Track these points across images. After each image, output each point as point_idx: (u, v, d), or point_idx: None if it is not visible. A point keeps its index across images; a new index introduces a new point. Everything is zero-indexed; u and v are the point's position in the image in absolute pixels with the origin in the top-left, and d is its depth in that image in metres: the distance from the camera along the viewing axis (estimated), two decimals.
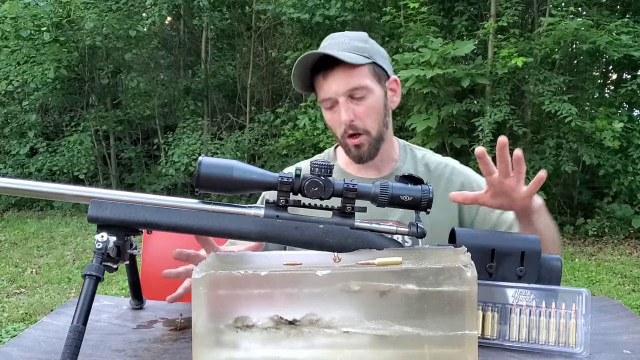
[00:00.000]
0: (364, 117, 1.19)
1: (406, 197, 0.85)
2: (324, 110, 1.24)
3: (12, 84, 6.70)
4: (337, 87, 1.18)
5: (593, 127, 5.09)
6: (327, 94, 1.19)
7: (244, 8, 7.54)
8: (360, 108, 1.19)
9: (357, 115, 1.19)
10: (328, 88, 1.19)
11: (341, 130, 1.20)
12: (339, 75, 1.17)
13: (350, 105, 1.18)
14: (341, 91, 1.18)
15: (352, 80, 1.17)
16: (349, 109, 1.18)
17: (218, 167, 0.83)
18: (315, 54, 1.18)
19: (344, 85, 1.17)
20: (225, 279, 0.74)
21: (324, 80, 1.19)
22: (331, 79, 1.18)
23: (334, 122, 1.22)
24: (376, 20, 6.20)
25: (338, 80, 1.17)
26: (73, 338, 0.76)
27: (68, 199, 0.89)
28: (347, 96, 1.18)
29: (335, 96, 1.18)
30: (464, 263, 0.73)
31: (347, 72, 1.17)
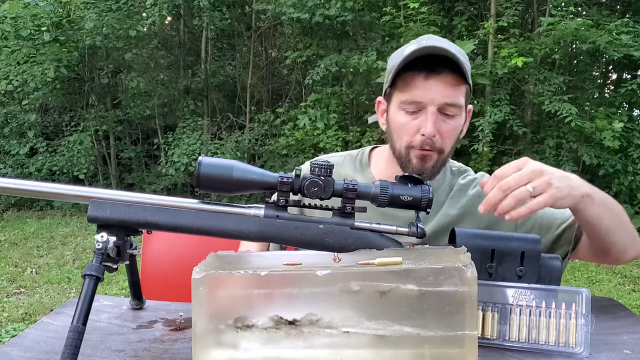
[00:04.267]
0: (446, 137, 1.09)
1: (406, 197, 0.85)
2: (400, 112, 1.10)
3: (12, 83, 6.69)
4: (437, 94, 1.06)
5: (593, 127, 5.09)
6: (421, 97, 1.06)
7: (244, 8, 7.54)
8: (446, 126, 1.08)
9: (441, 132, 1.08)
10: (426, 92, 1.06)
11: (415, 140, 1.08)
12: (443, 82, 1.06)
13: (438, 119, 1.07)
14: (439, 101, 1.06)
15: (453, 95, 1.07)
16: (436, 122, 1.07)
17: (218, 167, 0.83)
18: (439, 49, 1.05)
19: (445, 96, 1.06)
20: (225, 279, 0.74)
21: (423, 81, 1.06)
22: (433, 83, 1.05)
23: (409, 127, 1.09)
24: (376, 20, 6.19)
25: (440, 88, 1.06)
26: (73, 338, 0.76)
27: (68, 199, 0.89)
28: (438, 108, 1.07)
29: (429, 103, 1.06)
30: (464, 263, 0.73)
31: (452, 83, 1.07)
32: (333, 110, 6.13)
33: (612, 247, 1.04)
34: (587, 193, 0.92)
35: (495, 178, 0.87)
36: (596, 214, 0.96)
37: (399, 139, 1.12)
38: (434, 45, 1.06)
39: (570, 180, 0.90)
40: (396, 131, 1.12)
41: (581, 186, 0.92)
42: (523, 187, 0.85)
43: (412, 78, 1.07)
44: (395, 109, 1.11)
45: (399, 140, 1.12)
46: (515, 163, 0.88)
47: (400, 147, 1.12)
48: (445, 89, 1.06)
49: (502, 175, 0.87)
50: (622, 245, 1.04)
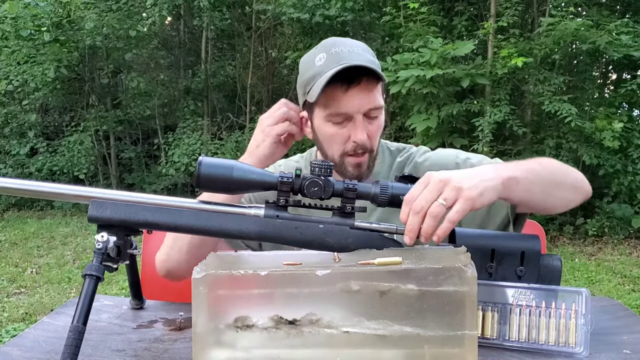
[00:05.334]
0: (373, 137, 1.12)
1: None
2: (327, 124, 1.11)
3: (12, 83, 6.70)
4: (360, 103, 1.07)
5: (593, 127, 5.09)
6: (345, 108, 1.08)
7: (244, 8, 7.54)
8: (373, 127, 1.11)
9: (369, 134, 1.10)
10: (349, 103, 1.07)
11: (347, 147, 1.11)
12: (362, 91, 1.07)
13: (364, 123, 1.09)
14: (363, 109, 1.08)
15: (374, 99, 1.09)
16: (364, 127, 1.09)
17: (218, 167, 0.83)
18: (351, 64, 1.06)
19: (367, 103, 1.08)
20: (225, 279, 0.74)
21: (343, 94, 1.07)
22: (354, 93, 1.07)
23: (339, 137, 1.11)
24: (376, 20, 6.19)
25: (361, 97, 1.07)
26: (73, 338, 0.76)
27: (68, 199, 0.89)
28: (363, 113, 1.09)
29: (355, 112, 1.08)
30: (464, 263, 0.73)
31: (370, 88, 1.08)
32: None
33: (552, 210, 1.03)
34: (507, 177, 0.88)
35: (406, 204, 0.84)
36: (524, 191, 0.93)
37: (329, 147, 1.13)
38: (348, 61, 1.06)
39: (482, 175, 0.87)
40: (325, 141, 1.14)
41: (497, 174, 0.88)
42: (435, 202, 0.82)
43: (333, 92, 1.07)
44: (321, 121, 1.12)
45: (330, 149, 1.13)
46: (420, 181, 0.85)
47: (332, 155, 1.13)
48: (366, 96, 1.08)
49: (411, 199, 0.84)
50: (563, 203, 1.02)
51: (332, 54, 1.09)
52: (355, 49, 1.11)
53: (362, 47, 1.13)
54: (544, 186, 0.97)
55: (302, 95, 1.16)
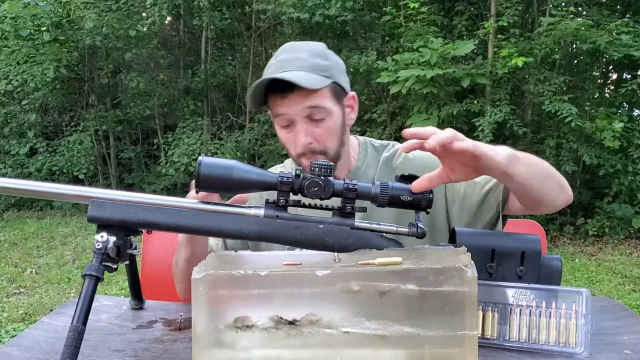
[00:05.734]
0: (323, 139, 1.13)
1: (406, 197, 0.85)
2: (279, 129, 1.17)
3: (12, 83, 6.70)
4: (296, 108, 1.11)
5: (593, 127, 5.09)
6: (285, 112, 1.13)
7: (244, 8, 7.54)
8: (320, 130, 1.13)
9: (316, 137, 1.13)
10: (286, 109, 1.12)
11: (297, 150, 1.14)
12: (297, 97, 1.10)
13: (308, 127, 1.12)
14: (300, 113, 1.11)
15: (312, 101, 1.11)
16: (307, 130, 1.12)
17: (218, 167, 0.83)
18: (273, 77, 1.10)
19: (303, 107, 1.11)
20: (225, 279, 0.74)
21: (280, 101, 1.11)
22: (289, 101, 1.11)
23: (289, 140, 1.15)
24: (376, 20, 6.19)
25: (297, 103, 1.10)
26: (73, 338, 0.76)
27: (68, 199, 0.89)
28: (305, 117, 1.12)
29: (295, 116, 1.12)
30: (464, 263, 0.73)
31: (306, 94, 1.10)
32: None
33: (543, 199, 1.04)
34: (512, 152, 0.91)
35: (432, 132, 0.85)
36: (524, 171, 0.94)
37: (288, 150, 1.18)
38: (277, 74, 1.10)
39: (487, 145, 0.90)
40: (284, 144, 1.19)
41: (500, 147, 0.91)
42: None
43: (274, 99, 1.13)
44: (276, 125, 1.18)
45: (289, 151, 1.18)
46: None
47: (293, 156, 1.18)
48: (300, 101, 1.10)
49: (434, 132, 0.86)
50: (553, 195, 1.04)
51: (276, 62, 1.15)
52: (302, 55, 1.13)
53: (313, 51, 1.15)
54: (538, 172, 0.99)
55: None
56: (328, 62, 1.15)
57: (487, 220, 1.16)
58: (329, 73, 1.13)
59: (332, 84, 1.13)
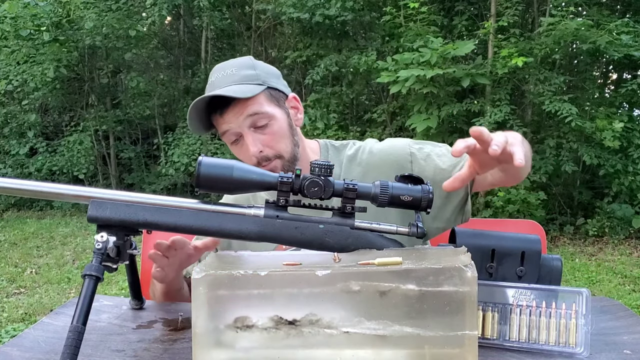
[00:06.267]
0: (273, 144, 1.16)
1: (406, 197, 0.85)
2: (231, 146, 1.19)
3: (12, 83, 6.70)
4: (237, 121, 1.14)
5: (593, 127, 5.09)
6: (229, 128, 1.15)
7: (244, 8, 7.54)
8: (266, 136, 1.15)
9: (265, 143, 1.15)
10: (228, 125, 1.15)
11: (253, 162, 1.15)
12: (235, 110, 1.13)
13: (255, 135, 1.15)
14: (242, 124, 1.14)
15: (250, 109, 1.14)
16: (255, 139, 1.14)
17: (218, 167, 0.83)
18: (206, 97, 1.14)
19: (243, 117, 1.14)
20: (225, 279, 0.74)
21: (221, 118, 1.15)
22: (228, 116, 1.14)
23: (243, 154, 1.17)
24: (376, 20, 6.19)
25: (236, 115, 1.14)
26: (73, 338, 0.76)
27: (68, 199, 0.89)
28: (249, 127, 1.14)
29: (239, 129, 1.14)
30: (464, 263, 0.73)
31: (242, 105, 1.13)
32: (333, 110, 6.14)
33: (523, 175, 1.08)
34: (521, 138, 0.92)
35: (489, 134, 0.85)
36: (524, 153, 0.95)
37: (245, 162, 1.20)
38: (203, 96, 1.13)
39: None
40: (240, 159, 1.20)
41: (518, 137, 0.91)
42: None
43: (215, 119, 1.17)
44: (227, 143, 1.21)
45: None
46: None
47: None
48: (238, 113, 1.13)
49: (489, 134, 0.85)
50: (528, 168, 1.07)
51: (209, 85, 1.19)
52: (230, 71, 1.17)
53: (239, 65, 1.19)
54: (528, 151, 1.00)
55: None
56: (256, 70, 1.18)
57: (456, 203, 1.18)
58: (261, 80, 1.16)
59: (266, 89, 1.16)
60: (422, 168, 1.18)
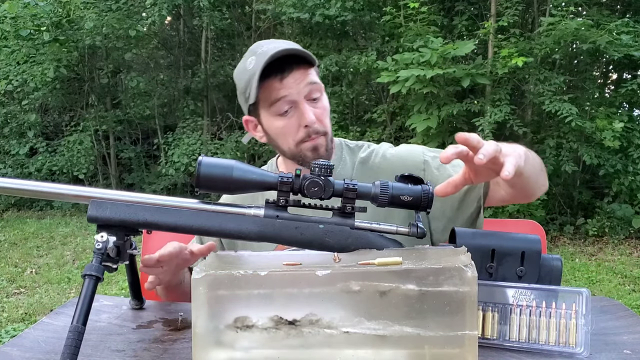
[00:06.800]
0: (322, 119, 1.15)
1: (406, 197, 0.85)
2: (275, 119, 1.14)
3: (12, 83, 6.69)
4: (298, 87, 1.11)
5: (593, 127, 5.09)
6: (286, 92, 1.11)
7: (244, 8, 7.54)
8: (319, 110, 1.14)
9: (317, 116, 1.14)
10: (286, 90, 1.11)
11: (301, 135, 1.14)
12: (297, 76, 1.11)
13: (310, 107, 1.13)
14: (301, 91, 1.12)
15: (311, 78, 1.13)
16: (310, 109, 1.13)
17: (218, 167, 0.83)
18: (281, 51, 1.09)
19: (304, 84, 1.12)
20: (225, 279, 0.74)
21: (280, 84, 1.11)
22: (289, 81, 1.11)
23: (290, 127, 1.14)
24: (376, 20, 6.19)
25: (297, 81, 1.11)
26: (73, 338, 0.76)
27: (68, 199, 0.89)
28: (304, 97, 1.13)
29: (296, 96, 1.12)
30: (464, 263, 0.73)
31: (304, 72, 1.12)
32: (333, 110, 6.13)
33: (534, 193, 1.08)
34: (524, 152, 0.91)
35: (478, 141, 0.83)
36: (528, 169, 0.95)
37: (284, 142, 1.16)
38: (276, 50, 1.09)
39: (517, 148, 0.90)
40: (279, 136, 1.17)
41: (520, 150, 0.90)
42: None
43: (270, 85, 1.11)
44: (268, 118, 1.16)
45: (286, 142, 1.16)
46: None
47: (290, 148, 1.17)
48: (302, 79, 1.12)
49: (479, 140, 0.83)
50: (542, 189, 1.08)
51: (260, 54, 1.12)
52: (281, 44, 1.14)
53: (288, 42, 1.17)
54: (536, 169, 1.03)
55: (244, 103, 1.18)
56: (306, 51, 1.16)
57: (468, 215, 1.17)
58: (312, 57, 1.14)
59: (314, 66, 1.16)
60: (435, 177, 1.16)
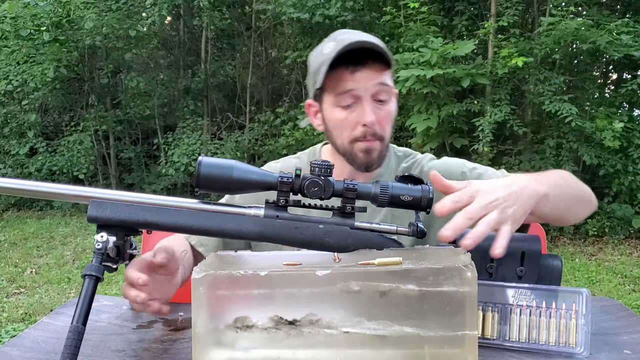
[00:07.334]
0: (384, 123, 1.11)
1: (406, 197, 0.85)
2: (336, 110, 1.11)
3: (12, 83, 6.70)
4: (367, 84, 1.07)
5: (593, 127, 5.09)
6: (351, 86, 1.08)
7: (244, 8, 7.54)
8: (382, 112, 1.10)
9: (379, 119, 1.10)
10: (355, 84, 1.07)
11: (356, 132, 1.10)
12: (369, 72, 1.07)
13: (374, 107, 1.09)
14: (369, 89, 1.08)
15: (382, 78, 1.09)
16: (374, 109, 1.09)
17: (218, 167, 0.83)
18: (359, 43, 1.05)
19: (374, 83, 1.08)
20: (225, 279, 0.74)
21: (350, 75, 1.07)
22: (360, 75, 1.07)
23: (348, 121, 1.10)
24: (376, 20, 6.19)
25: (367, 78, 1.07)
26: (73, 338, 0.76)
27: (68, 199, 0.89)
28: (371, 96, 1.09)
29: (362, 92, 1.08)
30: (464, 263, 0.73)
31: (378, 70, 1.08)
32: None
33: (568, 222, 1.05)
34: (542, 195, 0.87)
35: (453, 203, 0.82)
36: (550, 208, 0.91)
37: (339, 135, 1.13)
38: (355, 40, 1.06)
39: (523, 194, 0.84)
40: (335, 128, 1.13)
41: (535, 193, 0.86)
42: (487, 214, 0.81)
43: (340, 74, 1.08)
44: (330, 107, 1.12)
45: (340, 136, 1.13)
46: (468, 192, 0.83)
47: (343, 143, 1.13)
48: (373, 77, 1.08)
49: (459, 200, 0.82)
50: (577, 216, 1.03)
51: (340, 41, 1.08)
52: (363, 37, 1.10)
53: (371, 37, 1.11)
54: (566, 202, 0.97)
55: (312, 86, 1.15)
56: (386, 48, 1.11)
57: None
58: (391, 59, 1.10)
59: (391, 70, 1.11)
60: None
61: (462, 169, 1.20)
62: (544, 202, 0.88)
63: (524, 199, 0.84)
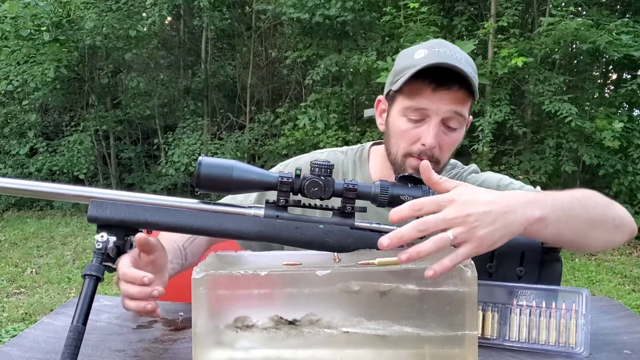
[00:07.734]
0: (445, 150, 1.08)
1: (406, 197, 0.85)
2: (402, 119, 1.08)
3: (12, 83, 6.70)
4: (443, 108, 1.04)
5: (593, 127, 5.10)
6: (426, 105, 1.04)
7: (244, 8, 7.55)
8: (447, 139, 1.07)
9: (441, 144, 1.06)
10: (432, 102, 1.04)
11: (413, 148, 1.07)
12: (449, 97, 1.03)
13: (439, 131, 1.05)
14: (441, 113, 1.04)
15: (460, 107, 1.05)
16: (438, 134, 1.05)
17: (218, 167, 0.83)
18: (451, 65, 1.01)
19: (449, 109, 1.04)
20: (225, 279, 0.74)
21: (431, 93, 1.04)
22: (441, 96, 1.03)
23: (410, 135, 1.07)
24: (376, 20, 6.20)
25: (446, 102, 1.04)
26: (73, 338, 0.76)
27: (68, 199, 0.89)
28: (441, 120, 1.05)
29: (434, 113, 1.04)
30: (464, 263, 0.73)
31: (458, 98, 1.04)
32: (333, 110, 6.14)
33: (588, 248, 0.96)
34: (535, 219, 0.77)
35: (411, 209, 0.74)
36: (552, 234, 0.81)
37: (396, 144, 1.11)
38: (447, 61, 1.02)
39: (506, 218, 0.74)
40: (395, 136, 1.11)
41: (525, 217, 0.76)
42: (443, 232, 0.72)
43: (420, 87, 1.04)
44: (397, 113, 1.10)
45: (396, 145, 1.11)
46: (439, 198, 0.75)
47: (396, 153, 1.11)
48: (452, 102, 1.04)
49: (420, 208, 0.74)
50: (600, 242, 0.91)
51: (434, 52, 1.06)
52: (459, 56, 1.06)
53: (467, 58, 1.08)
54: (577, 227, 0.84)
55: (389, 85, 1.13)
56: (475, 75, 1.07)
57: None
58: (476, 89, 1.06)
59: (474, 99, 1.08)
60: None
61: (497, 183, 1.18)
62: (539, 226, 0.78)
63: (506, 222, 0.74)
